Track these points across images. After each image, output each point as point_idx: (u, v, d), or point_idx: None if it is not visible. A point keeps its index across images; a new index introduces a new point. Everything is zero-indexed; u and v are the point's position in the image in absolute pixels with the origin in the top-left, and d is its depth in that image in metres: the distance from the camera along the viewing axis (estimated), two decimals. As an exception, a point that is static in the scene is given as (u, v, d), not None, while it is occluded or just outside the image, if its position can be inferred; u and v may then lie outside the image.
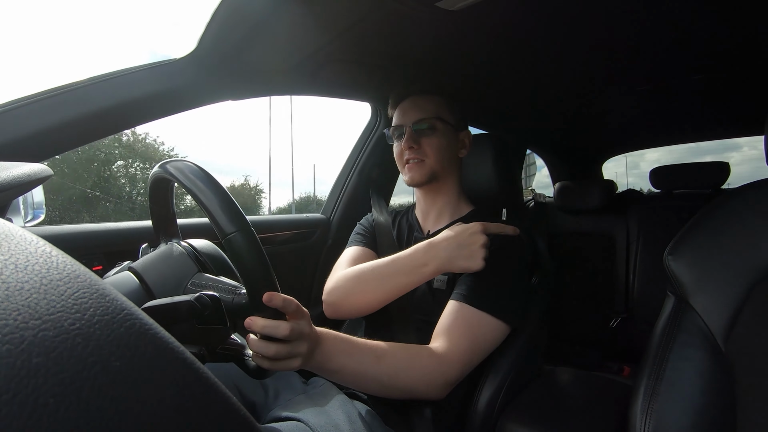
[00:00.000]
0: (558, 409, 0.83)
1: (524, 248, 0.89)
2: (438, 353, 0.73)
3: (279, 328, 0.53)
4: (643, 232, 1.80)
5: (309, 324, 0.60)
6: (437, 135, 0.93)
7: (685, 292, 0.63)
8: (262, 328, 0.53)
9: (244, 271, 0.50)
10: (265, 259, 0.50)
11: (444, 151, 0.94)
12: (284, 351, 0.55)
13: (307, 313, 0.60)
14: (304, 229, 1.37)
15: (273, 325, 0.53)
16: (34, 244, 0.23)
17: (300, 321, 0.57)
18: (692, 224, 0.67)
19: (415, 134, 0.93)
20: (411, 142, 0.92)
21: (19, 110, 0.70)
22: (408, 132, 0.93)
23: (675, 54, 1.10)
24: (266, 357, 0.55)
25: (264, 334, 0.53)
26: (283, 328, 0.54)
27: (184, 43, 0.90)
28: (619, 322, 1.77)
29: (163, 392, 0.22)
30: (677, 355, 0.61)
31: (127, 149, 15.76)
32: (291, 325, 0.54)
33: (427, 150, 0.93)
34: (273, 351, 0.54)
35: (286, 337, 0.54)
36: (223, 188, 0.50)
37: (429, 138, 0.93)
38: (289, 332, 0.54)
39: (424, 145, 0.93)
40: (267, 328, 0.53)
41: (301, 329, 0.57)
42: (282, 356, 0.56)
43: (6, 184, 0.41)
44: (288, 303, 0.54)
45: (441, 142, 0.93)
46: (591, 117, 1.77)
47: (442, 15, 0.82)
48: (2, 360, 0.17)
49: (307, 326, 0.59)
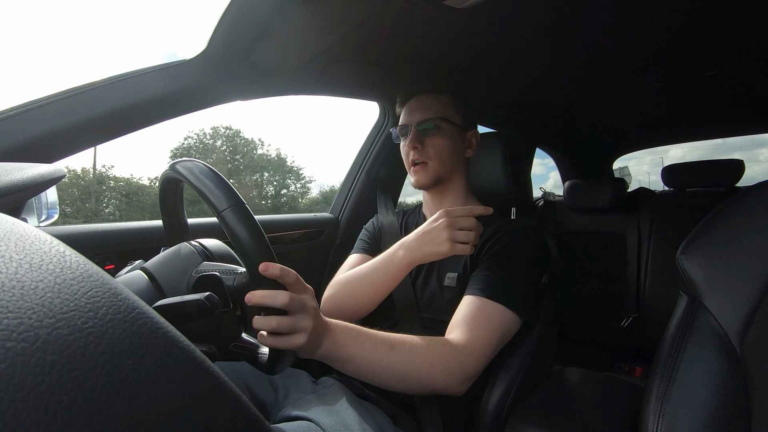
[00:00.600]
0: (568, 409, 0.82)
1: (535, 243, 0.89)
2: (455, 343, 0.72)
3: (277, 297, 0.52)
4: (654, 230, 1.78)
5: (312, 298, 0.58)
6: (442, 135, 0.92)
7: (698, 292, 0.62)
8: (261, 298, 0.51)
9: (239, 245, 0.50)
10: (261, 232, 0.50)
11: (448, 152, 0.93)
12: (286, 323, 0.54)
13: (311, 289, 0.58)
14: (312, 228, 1.37)
15: (271, 294, 0.52)
16: (48, 243, 0.24)
17: (302, 294, 0.56)
18: (706, 223, 0.66)
19: (420, 134, 0.92)
20: (415, 142, 0.92)
21: (33, 112, 0.71)
22: (413, 132, 0.93)
23: (689, 49, 1.08)
24: (269, 332, 0.54)
25: (263, 304, 0.52)
26: (282, 296, 0.52)
27: (195, 43, 0.90)
28: (630, 322, 1.75)
29: (174, 390, 0.22)
30: (690, 356, 0.60)
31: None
32: (290, 294, 0.53)
33: (431, 151, 0.92)
34: (274, 323, 0.53)
35: (286, 306, 0.53)
36: (215, 170, 0.52)
37: (433, 138, 0.92)
38: (288, 300, 0.53)
39: (428, 145, 0.92)
40: (266, 298, 0.52)
41: (303, 301, 0.55)
42: (284, 329, 0.54)
43: (21, 185, 0.42)
44: (286, 272, 0.52)
45: (445, 142, 0.93)
46: (601, 114, 1.75)
47: (450, 13, 0.82)
48: (18, 357, 0.18)
49: (310, 300, 0.57)
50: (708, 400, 0.56)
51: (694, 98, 1.52)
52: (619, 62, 1.17)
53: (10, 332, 0.18)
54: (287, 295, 0.53)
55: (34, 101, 0.72)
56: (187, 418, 0.22)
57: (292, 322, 0.54)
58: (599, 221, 1.93)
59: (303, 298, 0.56)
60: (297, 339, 0.56)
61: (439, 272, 0.91)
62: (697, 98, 1.52)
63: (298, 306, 0.55)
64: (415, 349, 0.69)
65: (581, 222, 1.98)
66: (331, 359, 0.63)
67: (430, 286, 0.90)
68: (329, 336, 0.62)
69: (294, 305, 0.54)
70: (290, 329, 0.55)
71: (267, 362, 0.57)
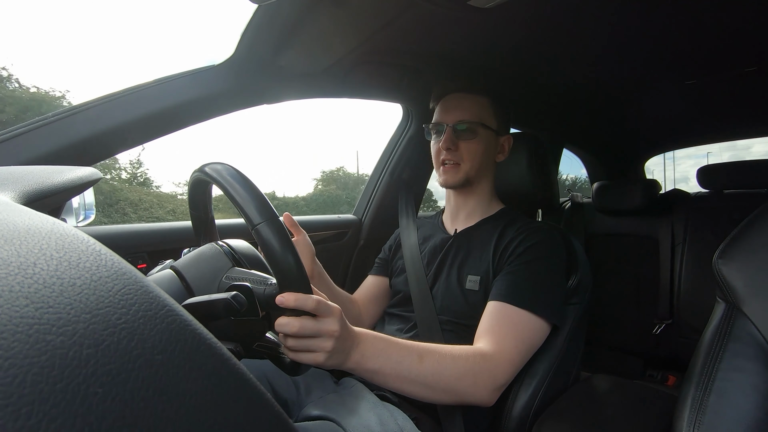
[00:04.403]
0: (596, 417, 0.79)
1: (559, 244, 0.87)
2: (484, 352, 0.71)
3: (308, 301, 0.53)
4: (689, 234, 1.71)
5: (340, 319, 0.58)
6: (477, 140, 0.91)
7: (737, 299, 0.59)
8: (295, 300, 0.52)
9: (272, 260, 0.51)
10: (292, 247, 0.51)
11: (481, 156, 0.92)
12: (310, 325, 0.54)
13: (337, 308, 0.58)
14: (336, 229, 1.38)
15: (303, 297, 0.52)
16: (86, 242, 0.25)
17: (328, 317, 0.56)
18: (745, 226, 0.63)
19: (455, 135, 0.91)
20: (449, 143, 0.90)
21: (70, 118, 0.75)
22: (447, 132, 0.91)
23: (726, 44, 1.03)
24: (290, 335, 0.54)
25: (294, 307, 0.52)
26: (311, 300, 0.53)
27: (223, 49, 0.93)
28: (662, 328, 1.69)
29: (201, 386, 0.23)
30: (728, 365, 0.57)
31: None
32: (318, 298, 0.54)
33: (465, 154, 0.91)
34: (298, 324, 0.53)
35: (313, 310, 0.53)
36: (252, 182, 0.53)
37: (468, 142, 0.91)
38: (316, 304, 0.53)
39: (461, 148, 0.91)
40: (299, 300, 0.52)
41: (330, 309, 0.56)
42: (308, 331, 0.54)
43: (60, 187, 0.44)
44: (303, 301, 0.52)
45: (479, 147, 0.91)
46: (634, 113, 1.70)
47: (474, 13, 0.81)
48: (57, 350, 0.19)
49: (336, 312, 0.57)
50: (748, 412, 0.54)
51: (732, 95, 1.45)
52: (654, 58, 1.13)
53: (51, 326, 0.19)
54: (315, 300, 0.54)
55: (71, 108, 0.76)
56: (213, 414, 0.23)
57: (316, 326, 0.55)
58: (630, 223, 1.87)
59: (330, 308, 0.56)
60: (324, 345, 0.55)
61: (459, 275, 0.89)
62: (736, 95, 1.45)
63: (324, 310, 0.55)
64: (444, 359, 0.68)
65: (611, 224, 1.92)
66: (359, 371, 0.63)
67: (450, 289, 0.89)
68: (358, 348, 0.62)
69: (321, 309, 0.54)
70: (314, 333, 0.55)
71: (290, 363, 0.57)
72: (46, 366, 0.18)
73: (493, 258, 0.86)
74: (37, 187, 0.40)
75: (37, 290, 0.20)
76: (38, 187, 0.40)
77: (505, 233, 0.88)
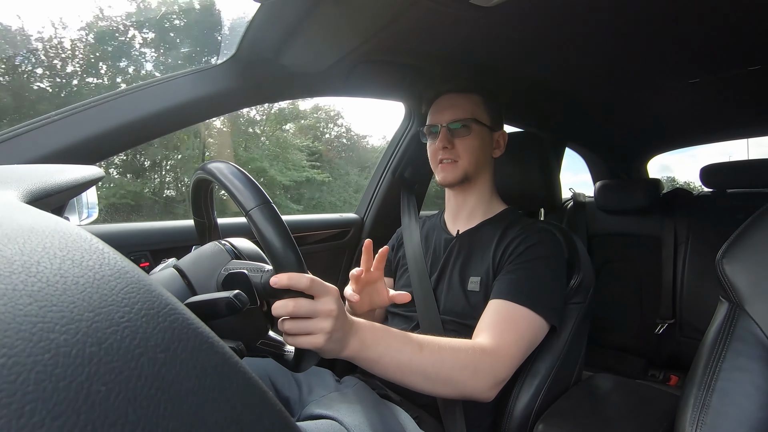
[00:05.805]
0: (598, 417, 0.79)
1: (561, 244, 0.87)
2: (483, 346, 0.71)
3: (301, 279, 0.51)
4: (692, 233, 1.70)
5: (336, 299, 0.57)
6: (472, 136, 0.92)
7: (740, 298, 0.59)
8: (288, 279, 0.51)
9: (265, 244, 0.51)
10: (285, 229, 0.51)
11: (477, 152, 0.93)
12: (305, 305, 0.53)
13: (334, 288, 0.57)
14: (337, 228, 1.38)
15: (296, 276, 0.51)
16: (89, 241, 0.25)
17: (324, 297, 0.55)
18: (748, 225, 0.62)
19: (450, 134, 0.92)
20: (445, 142, 0.91)
21: (74, 117, 0.75)
22: (443, 132, 0.92)
23: (731, 42, 1.03)
24: (290, 319, 0.53)
25: (288, 287, 0.51)
26: (305, 279, 0.52)
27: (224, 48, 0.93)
28: (665, 328, 1.68)
29: (204, 384, 0.23)
30: (731, 366, 0.57)
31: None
32: (312, 277, 0.52)
33: (461, 151, 0.92)
34: (292, 305, 0.52)
35: (308, 289, 0.52)
36: (242, 171, 0.53)
37: (463, 139, 0.92)
38: (310, 283, 0.52)
39: (458, 145, 0.92)
40: (292, 279, 0.51)
41: (326, 288, 0.55)
42: (303, 312, 0.53)
43: (63, 186, 0.44)
44: (297, 279, 0.51)
45: (475, 143, 0.92)
46: (638, 112, 1.69)
47: (477, 12, 0.81)
48: (60, 348, 0.19)
49: (331, 300, 0.56)
50: (752, 413, 0.53)
51: (737, 94, 1.44)
52: (657, 57, 1.12)
53: (54, 324, 0.19)
54: (309, 278, 0.52)
55: (74, 107, 0.76)
56: (216, 412, 0.23)
57: (312, 305, 0.54)
58: (632, 223, 1.87)
59: (326, 288, 0.55)
60: (321, 325, 0.54)
61: (461, 276, 0.90)
62: (740, 94, 1.44)
63: (319, 288, 0.54)
64: (444, 350, 0.68)
65: (613, 224, 1.92)
66: (358, 359, 0.62)
67: (452, 290, 0.89)
68: (357, 335, 0.61)
69: (315, 288, 0.53)
70: (310, 313, 0.54)
71: (292, 360, 0.58)
72: (50, 364, 0.18)
73: (494, 259, 0.86)
74: (40, 185, 0.40)
75: (40, 288, 0.20)
76: (41, 186, 0.40)
77: (506, 235, 0.89)
